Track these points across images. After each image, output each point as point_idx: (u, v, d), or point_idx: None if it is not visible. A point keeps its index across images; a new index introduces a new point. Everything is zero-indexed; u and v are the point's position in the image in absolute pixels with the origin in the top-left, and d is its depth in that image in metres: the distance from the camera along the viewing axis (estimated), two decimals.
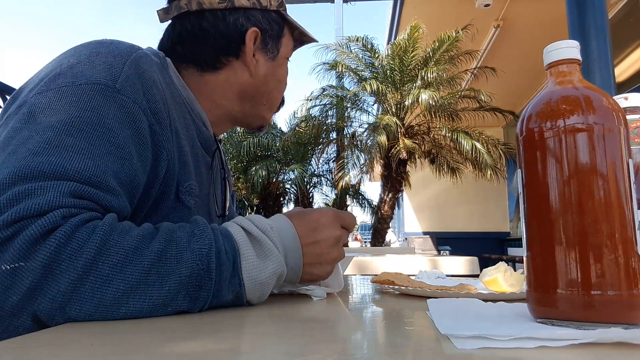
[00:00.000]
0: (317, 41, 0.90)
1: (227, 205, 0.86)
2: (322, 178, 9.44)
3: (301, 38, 0.86)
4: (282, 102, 0.87)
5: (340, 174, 7.65)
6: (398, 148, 7.02)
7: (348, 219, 0.65)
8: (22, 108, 0.53)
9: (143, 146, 0.57)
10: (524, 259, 0.41)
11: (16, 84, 1.65)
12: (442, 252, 6.77)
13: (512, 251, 8.59)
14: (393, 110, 7.34)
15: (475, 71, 7.11)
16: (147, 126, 0.58)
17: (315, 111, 8.22)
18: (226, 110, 0.79)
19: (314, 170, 9.26)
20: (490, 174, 6.95)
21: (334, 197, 8.93)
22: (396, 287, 0.69)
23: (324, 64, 7.88)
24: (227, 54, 0.75)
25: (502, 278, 0.65)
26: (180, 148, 0.65)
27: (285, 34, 0.81)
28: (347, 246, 0.66)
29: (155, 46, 0.76)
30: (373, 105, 8.09)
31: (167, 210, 0.64)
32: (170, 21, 0.77)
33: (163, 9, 0.77)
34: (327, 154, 9.00)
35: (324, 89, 8.09)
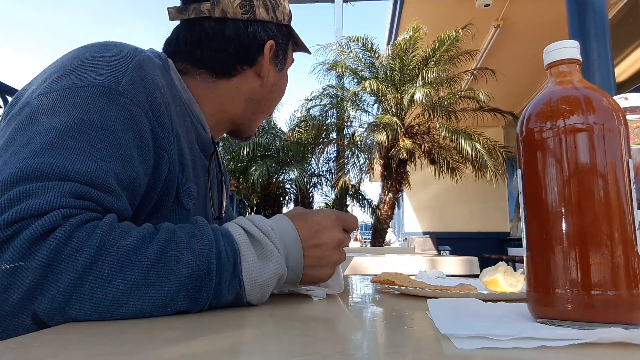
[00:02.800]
0: (310, 53, 0.94)
1: (223, 208, 0.86)
2: (322, 178, 9.43)
3: (294, 49, 0.89)
4: None
5: (340, 174, 7.65)
6: (398, 148, 7.02)
7: (350, 222, 0.65)
8: (24, 109, 0.53)
9: (145, 149, 0.57)
10: (524, 259, 0.41)
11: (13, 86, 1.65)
12: (442, 252, 6.76)
13: (512, 251, 8.59)
14: (393, 110, 7.35)
15: (475, 71, 7.11)
16: (149, 129, 0.58)
17: (315, 111, 8.23)
18: (230, 116, 0.81)
19: (314, 170, 9.25)
20: (490, 174, 6.95)
21: (334, 197, 8.93)
22: (396, 287, 0.69)
23: (324, 64, 7.88)
24: (243, 62, 0.76)
25: (502, 278, 0.65)
26: (180, 150, 0.65)
27: (290, 47, 0.84)
28: (347, 246, 0.66)
29: (152, 47, 0.76)
30: (373, 105, 8.09)
31: (167, 212, 0.64)
32: (179, 21, 0.77)
33: (176, 7, 0.76)
34: (327, 154, 9.00)
35: (324, 89, 8.09)
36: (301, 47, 0.88)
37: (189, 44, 0.75)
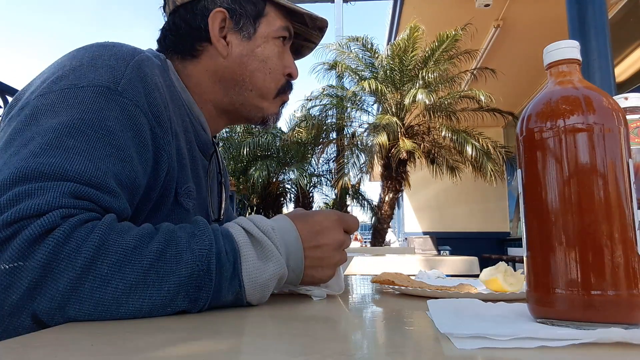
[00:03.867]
0: (325, 20, 0.83)
1: (223, 209, 0.86)
2: (322, 178, 9.44)
3: (313, 23, 0.83)
4: (288, 87, 0.82)
5: (340, 174, 7.65)
6: (398, 148, 7.01)
7: (351, 223, 0.65)
8: (24, 110, 0.54)
9: (144, 149, 0.57)
10: (524, 259, 0.41)
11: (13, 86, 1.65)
12: (442, 252, 6.76)
13: (512, 251, 8.59)
14: (393, 110, 7.34)
15: (475, 71, 7.11)
16: (148, 129, 0.58)
17: (315, 111, 8.22)
18: (215, 104, 0.78)
19: (314, 170, 9.26)
20: (490, 174, 6.95)
21: (334, 197, 8.93)
22: (396, 287, 0.69)
23: (324, 63, 7.88)
24: (199, 39, 0.75)
25: (502, 278, 0.65)
26: (179, 150, 0.65)
27: (267, 14, 0.77)
28: (348, 247, 0.66)
29: (150, 48, 0.78)
30: (373, 105, 8.10)
31: (166, 212, 0.64)
32: None
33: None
34: (327, 154, 9.00)
35: (323, 89, 8.09)
36: (314, 19, 0.81)
37: (157, 41, 0.79)
